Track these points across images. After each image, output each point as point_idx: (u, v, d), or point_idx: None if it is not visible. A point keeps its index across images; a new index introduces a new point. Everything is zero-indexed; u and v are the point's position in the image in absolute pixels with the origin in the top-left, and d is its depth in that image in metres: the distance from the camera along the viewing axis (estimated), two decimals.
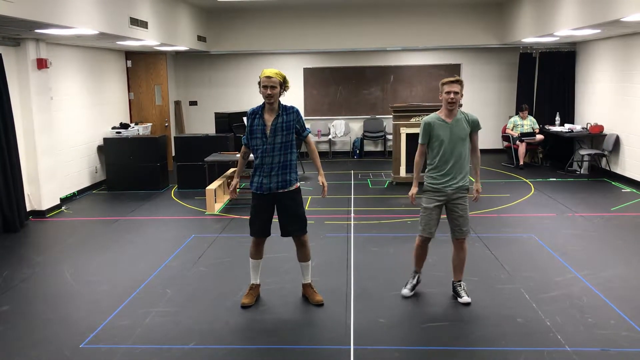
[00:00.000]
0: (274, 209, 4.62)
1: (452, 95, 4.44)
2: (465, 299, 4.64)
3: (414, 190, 4.73)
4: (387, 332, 4.19)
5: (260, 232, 4.63)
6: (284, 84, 4.41)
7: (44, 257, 6.07)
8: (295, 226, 4.60)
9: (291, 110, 4.50)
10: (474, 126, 4.67)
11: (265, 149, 4.44)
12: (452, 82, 4.45)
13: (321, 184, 4.67)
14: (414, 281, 4.88)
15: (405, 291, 4.84)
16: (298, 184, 4.62)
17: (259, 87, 4.38)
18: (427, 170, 4.65)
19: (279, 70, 4.44)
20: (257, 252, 4.72)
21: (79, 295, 5.02)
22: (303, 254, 4.72)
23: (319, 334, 4.20)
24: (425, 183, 4.65)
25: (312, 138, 4.76)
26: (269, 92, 4.34)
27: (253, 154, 4.56)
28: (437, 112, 4.61)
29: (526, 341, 3.98)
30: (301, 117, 4.56)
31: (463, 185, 4.58)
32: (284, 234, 4.65)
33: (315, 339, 4.11)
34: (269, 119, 4.44)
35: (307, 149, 4.75)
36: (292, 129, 4.48)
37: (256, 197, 4.59)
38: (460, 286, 4.74)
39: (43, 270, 5.66)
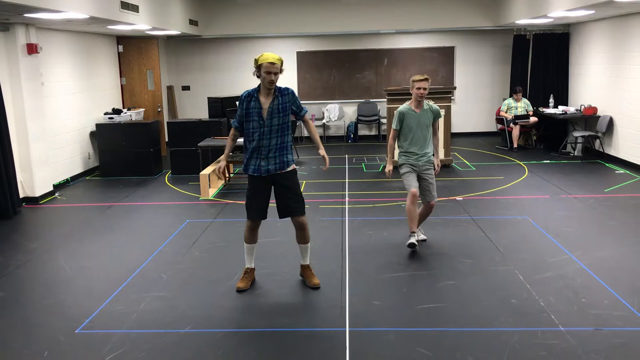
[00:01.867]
0: (270, 191, 4.61)
1: (421, 91, 5.35)
2: (422, 236, 5.71)
3: (390, 166, 5.65)
4: (382, 314, 4.21)
5: (257, 214, 4.61)
6: (281, 68, 4.39)
7: (38, 244, 6.05)
8: (294, 204, 4.58)
9: (286, 92, 4.48)
10: (436, 115, 5.56)
11: (263, 131, 4.42)
12: (421, 80, 5.37)
13: (322, 156, 4.67)
14: (417, 237, 5.52)
15: (412, 241, 5.41)
16: (294, 165, 4.62)
17: (258, 71, 4.31)
18: (400, 152, 5.60)
19: (278, 55, 4.41)
20: (252, 237, 4.71)
21: (73, 281, 5.02)
22: (302, 237, 4.71)
23: (314, 317, 4.21)
24: (400, 161, 5.59)
25: (309, 117, 4.77)
26: (272, 78, 4.30)
27: (247, 137, 4.53)
28: (408, 102, 5.53)
29: (520, 321, 4.01)
30: (297, 98, 4.55)
31: (429, 160, 5.52)
32: (283, 215, 4.63)
33: (311, 322, 4.13)
34: (265, 101, 4.41)
35: (306, 127, 4.74)
36: (288, 110, 4.47)
37: (253, 179, 4.57)
38: (419, 229, 5.71)
39: (37, 256, 5.65)
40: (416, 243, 5.38)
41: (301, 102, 11.30)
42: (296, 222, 4.65)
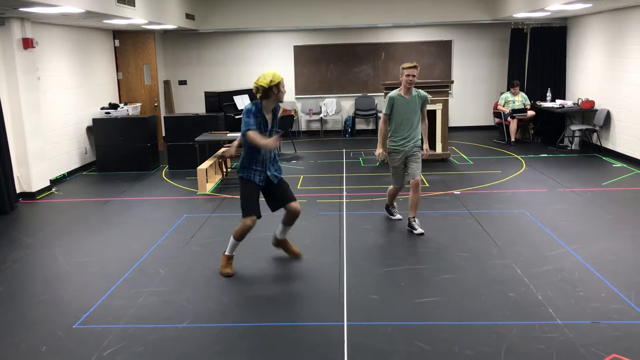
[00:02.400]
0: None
1: (410, 78, 5.71)
2: (419, 230, 5.79)
3: (380, 150, 5.97)
4: (380, 308, 4.22)
5: (258, 210, 4.80)
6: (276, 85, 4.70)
7: (35, 239, 6.04)
8: (290, 193, 4.92)
9: (278, 108, 4.86)
10: (424, 101, 5.88)
11: None
12: (411, 67, 5.72)
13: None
14: (393, 208, 6.31)
15: (398, 216, 6.26)
16: None
17: (276, 89, 4.60)
18: (389, 136, 5.93)
19: None
20: (244, 236, 4.86)
21: (71, 276, 5.01)
22: (294, 220, 5.00)
23: (312, 311, 4.21)
24: (388, 146, 5.93)
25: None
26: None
27: (253, 149, 4.67)
28: (398, 89, 5.86)
29: (518, 315, 4.01)
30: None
31: (416, 144, 5.87)
32: (279, 205, 4.90)
33: (309, 316, 4.13)
34: (269, 117, 4.75)
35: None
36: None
37: (251, 183, 4.75)
38: (415, 221, 5.87)
39: (34, 252, 5.64)
40: (399, 214, 6.24)
41: (299, 96, 11.63)
42: (294, 209, 4.87)
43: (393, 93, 5.84)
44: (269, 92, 4.60)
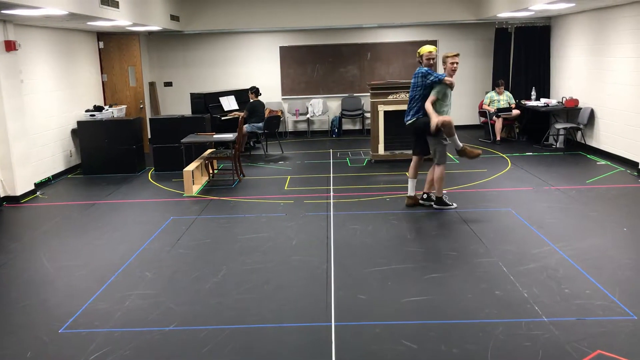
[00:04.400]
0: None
1: (455, 65, 6.58)
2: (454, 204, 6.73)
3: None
4: (368, 308, 4.22)
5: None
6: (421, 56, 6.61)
7: (19, 243, 5.97)
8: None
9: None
10: None
11: None
12: (456, 55, 6.54)
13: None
14: (447, 198, 6.74)
15: (454, 204, 6.69)
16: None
17: (420, 59, 6.64)
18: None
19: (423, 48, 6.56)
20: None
21: (56, 280, 4.96)
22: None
23: (299, 312, 4.21)
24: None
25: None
26: None
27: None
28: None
29: (504, 313, 4.04)
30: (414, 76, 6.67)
31: None
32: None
33: (296, 317, 4.13)
34: None
35: None
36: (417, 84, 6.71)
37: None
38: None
39: (19, 256, 5.58)
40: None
41: (285, 97, 11.89)
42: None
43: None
44: (420, 61, 6.59)
